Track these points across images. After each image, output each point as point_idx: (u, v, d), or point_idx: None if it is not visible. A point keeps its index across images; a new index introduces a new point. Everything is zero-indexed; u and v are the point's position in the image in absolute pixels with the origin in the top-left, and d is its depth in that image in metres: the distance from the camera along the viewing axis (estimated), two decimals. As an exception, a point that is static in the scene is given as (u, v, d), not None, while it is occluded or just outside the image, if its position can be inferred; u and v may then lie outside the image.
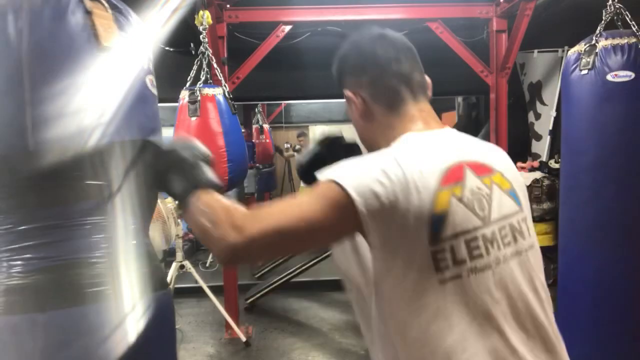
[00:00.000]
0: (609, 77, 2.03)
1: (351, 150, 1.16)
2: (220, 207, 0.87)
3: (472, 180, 0.85)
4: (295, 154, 7.68)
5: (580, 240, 2.17)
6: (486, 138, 4.36)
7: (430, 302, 0.81)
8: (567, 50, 3.82)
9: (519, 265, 0.86)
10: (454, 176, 0.84)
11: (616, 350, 2.10)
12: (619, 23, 2.15)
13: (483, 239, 0.83)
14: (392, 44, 0.97)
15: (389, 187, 0.80)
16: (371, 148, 1.00)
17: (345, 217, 0.81)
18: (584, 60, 2.09)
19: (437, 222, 0.81)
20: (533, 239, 0.92)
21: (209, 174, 0.97)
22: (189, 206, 0.91)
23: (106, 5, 1.01)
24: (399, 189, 0.80)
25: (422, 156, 0.85)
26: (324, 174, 0.86)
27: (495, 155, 0.94)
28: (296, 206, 0.85)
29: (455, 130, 0.96)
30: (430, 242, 0.80)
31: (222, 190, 0.96)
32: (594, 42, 2.09)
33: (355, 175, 0.83)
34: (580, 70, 2.10)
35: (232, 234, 0.81)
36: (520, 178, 0.96)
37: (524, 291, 0.85)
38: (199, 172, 0.96)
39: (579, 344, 2.19)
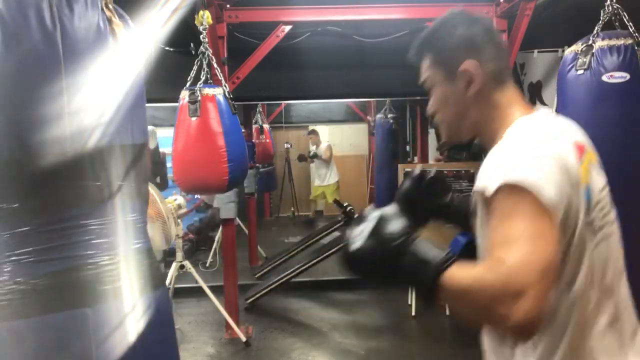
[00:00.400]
0: (605, 78, 2.02)
1: (442, 186, 1.13)
2: (478, 279, 0.76)
3: (586, 155, 0.92)
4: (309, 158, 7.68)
5: None
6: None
7: (584, 267, 0.87)
8: (566, 50, 3.85)
9: (616, 231, 0.97)
10: (579, 152, 0.90)
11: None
12: (617, 24, 2.15)
13: (607, 206, 0.94)
14: (487, 23, 1.03)
15: (563, 179, 0.83)
16: (463, 130, 1.02)
17: (555, 220, 0.81)
18: (580, 60, 2.09)
19: (587, 193, 0.88)
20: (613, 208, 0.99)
21: (431, 248, 0.81)
22: (441, 289, 0.77)
23: (116, 14, 1.04)
24: (563, 171, 0.84)
25: (557, 137, 0.90)
26: (495, 181, 0.82)
27: (577, 130, 0.99)
28: (538, 235, 0.78)
29: (546, 110, 1.02)
30: (586, 212, 0.88)
31: (452, 259, 0.80)
32: (590, 42, 2.09)
33: (547, 180, 0.81)
34: (577, 70, 2.10)
35: (518, 304, 0.71)
36: (596, 153, 1.01)
37: (621, 254, 0.97)
38: (430, 248, 0.81)
39: None
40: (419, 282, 0.80)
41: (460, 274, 0.77)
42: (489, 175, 0.85)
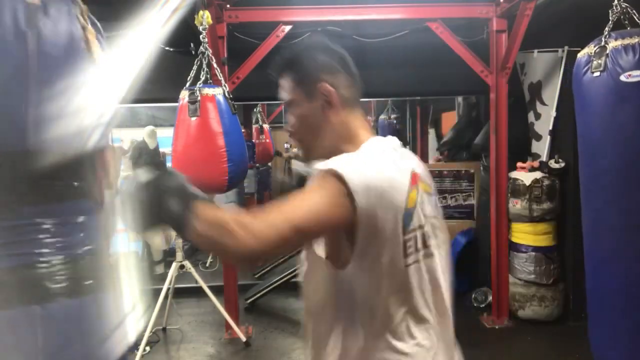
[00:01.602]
0: (623, 78, 2.00)
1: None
2: (227, 218, 0.88)
3: (419, 186, 1.03)
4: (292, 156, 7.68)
5: (604, 244, 2.14)
6: (486, 138, 4.36)
7: (395, 282, 0.98)
8: (567, 50, 3.85)
9: (440, 255, 1.07)
10: (414, 179, 1.01)
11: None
12: (626, 22, 2.14)
13: (426, 233, 1.03)
14: (343, 53, 1.12)
15: (379, 185, 0.93)
16: (319, 149, 1.09)
17: (344, 208, 0.91)
18: (595, 62, 2.07)
19: (407, 216, 0.97)
20: (445, 234, 1.12)
21: (192, 188, 0.94)
22: (191, 226, 0.87)
23: (89, 22, 1.05)
24: (387, 187, 0.95)
25: (397, 160, 1.02)
26: (325, 165, 0.94)
27: (418, 163, 1.10)
28: (304, 202, 0.91)
29: (396, 139, 1.11)
30: (403, 232, 0.97)
31: (210, 199, 0.93)
32: (603, 43, 2.07)
33: (354, 169, 0.93)
34: (592, 72, 2.08)
35: (249, 241, 0.85)
36: (430, 180, 1.13)
37: (440, 276, 1.06)
38: (183, 190, 0.92)
39: (611, 349, 2.15)
40: (177, 212, 0.89)
41: (215, 209, 0.90)
42: (322, 164, 0.95)
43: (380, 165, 0.97)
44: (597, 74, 2.06)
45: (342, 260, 0.97)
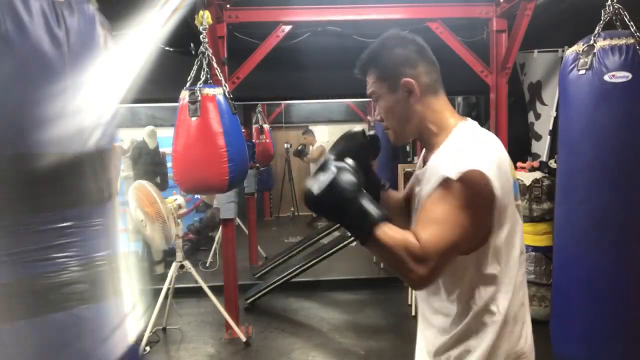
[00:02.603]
0: (607, 78, 2.02)
1: (374, 143, 1.31)
2: (400, 243, 1.00)
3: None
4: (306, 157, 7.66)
5: (575, 240, 2.17)
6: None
7: (517, 242, 1.15)
8: (567, 50, 3.85)
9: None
10: (505, 153, 1.15)
11: (611, 351, 2.10)
12: (618, 23, 2.15)
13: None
14: (420, 42, 1.23)
15: (501, 170, 1.08)
16: (407, 134, 1.23)
17: (490, 206, 1.06)
18: (581, 60, 2.09)
19: (515, 185, 1.15)
20: None
21: (375, 205, 1.04)
22: (373, 239, 1.01)
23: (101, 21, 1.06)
24: (505, 168, 1.11)
25: (494, 139, 1.16)
26: (456, 168, 1.04)
27: None
28: (456, 217, 1.03)
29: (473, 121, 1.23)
30: (515, 199, 1.15)
31: (387, 218, 1.03)
32: (592, 42, 2.09)
33: (489, 167, 1.05)
34: (578, 70, 2.10)
35: (419, 269, 1.00)
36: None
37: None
38: (373, 206, 1.03)
39: (573, 343, 2.19)
40: (359, 229, 1.02)
41: (390, 232, 1.01)
42: (447, 164, 1.06)
43: (493, 150, 1.11)
44: (582, 72, 2.07)
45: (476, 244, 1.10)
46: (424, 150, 1.30)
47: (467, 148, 1.09)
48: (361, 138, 1.28)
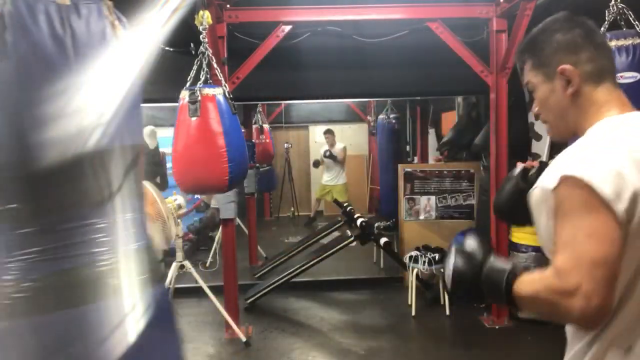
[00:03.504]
0: None
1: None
2: (541, 288, 0.90)
3: None
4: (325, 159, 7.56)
5: None
6: (486, 138, 4.36)
7: None
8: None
9: None
10: None
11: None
12: (622, 23, 2.14)
13: None
14: (588, 24, 1.09)
15: (631, 173, 0.89)
16: (565, 129, 1.10)
17: (614, 220, 0.88)
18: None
19: None
20: None
21: (501, 263, 0.97)
22: (515, 303, 0.94)
23: (115, 17, 1.06)
24: (636, 170, 0.90)
25: (632, 135, 0.96)
26: (561, 173, 0.91)
27: None
28: (590, 234, 0.88)
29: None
30: None
31: (520, 269, 0.96)
32: (598, 42, 2.08)
33: (605, 175, 0.89)
34: None
35: (573, 303, 0.85)
36: None
37: None
38: (499, 270, 0.96)
39: None
40: (496, 297, 0.95)
41: (525, 283, 0.92)
42: (551, 172, 0.95)
43: (610, 155, 0.92)
44: None
45: None
46: None
47: (585, 147, 0.97)
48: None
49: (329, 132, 7.69)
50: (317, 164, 7.93)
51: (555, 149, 3.97)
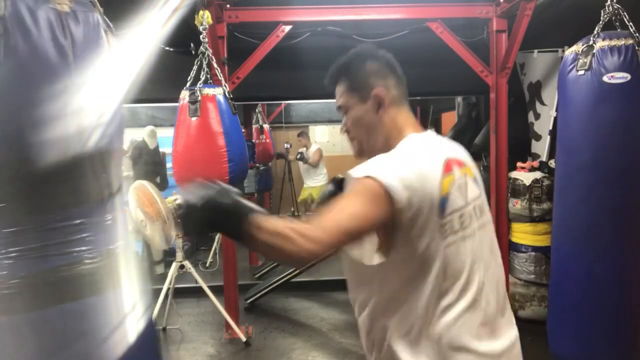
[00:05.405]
0: (605, 79, 2.02)
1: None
2: (286, 227, 0.97)
3: (456, 171, 1.12)
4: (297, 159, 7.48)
5: (572, 240, 2.18)
6: (486, 138, 4.36)
7: (435, 263, 1.06)
8: (567, 51, 3.85)
9: (483, 235, 1.16)
10: (448, 166, 1.10)
11: (606, 350, 2.10)
12: (617, 24, 2.15)
13: (467, 214, 1.11)
14: (389, 57, 1.25)
15: (413, 178, 1.03)
16: (374, 144, 1.21)
17: (384, 207, 1.00)
18: (580, 60, 2.09)
19: (443, 202, 1.06)
20: (489, 215, 1.22)
21: (248, 203, 1.00)
22: (252, 236, 0.96)
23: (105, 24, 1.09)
24: (420, 179, 1.03)
25: (428, 151, 1.12)
26: (358, 170, 1.04)
27: (462, 152, 1.22)
28: (348, 207, 1.01)
29: (434, 133, 1.23)
30: (439, 216, 1.06)
31: (263, 211, 1.01)
32: (591, 42, 2.09)
33: (386, 169, 1.03)
34: (577, 70, 2.10)
35: (309, 245, 0.95)
36: (476, 168, 1.23)
37: (487, 254, 1.16)
38: (241, 206, 0.98)
39: (568, 342, 2.20)
40: (232, 220, 0.96)
41: (272, 219, 0.97)
42: (361, 168, 1.06)
43: (410, 159, 1.08)
44: (581, 72, 2.08)
45: (384, 251, 1.07)
46: None
47: (381, 157, 1.09)
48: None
49: (301, 135, 7.51)
50: (279, 156, 7.84)
51: (555, 149, 3.97)
